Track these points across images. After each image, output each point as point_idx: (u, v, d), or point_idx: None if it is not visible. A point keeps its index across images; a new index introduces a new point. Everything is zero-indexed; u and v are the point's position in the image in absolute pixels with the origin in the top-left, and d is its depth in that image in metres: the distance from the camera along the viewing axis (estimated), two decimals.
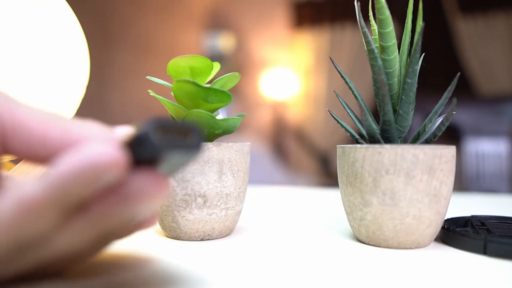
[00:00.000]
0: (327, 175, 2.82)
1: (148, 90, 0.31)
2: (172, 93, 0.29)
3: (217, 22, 2.97)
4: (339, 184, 0.29)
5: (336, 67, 0.30)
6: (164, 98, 0.29)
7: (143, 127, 0.14)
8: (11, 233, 0.14)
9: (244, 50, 3.00)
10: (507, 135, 1.95)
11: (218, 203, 0.28)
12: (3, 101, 0.17)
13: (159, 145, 0.14)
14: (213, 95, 0.28)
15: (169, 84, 0.30)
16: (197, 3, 2.89)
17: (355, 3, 0.28)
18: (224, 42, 2.89)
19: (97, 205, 0.15)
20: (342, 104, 0.32)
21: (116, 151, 0.13)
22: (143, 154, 0.14)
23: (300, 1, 2.94)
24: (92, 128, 0.17)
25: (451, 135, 2.05)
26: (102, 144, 0.13)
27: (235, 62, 2.89)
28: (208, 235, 0.29)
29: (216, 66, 0.30)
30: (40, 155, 0.17)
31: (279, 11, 3.00)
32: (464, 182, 1.96)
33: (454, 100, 0.26)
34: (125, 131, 0.17)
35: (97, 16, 2.13)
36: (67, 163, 0.13)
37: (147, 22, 2.45)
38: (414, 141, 0.29)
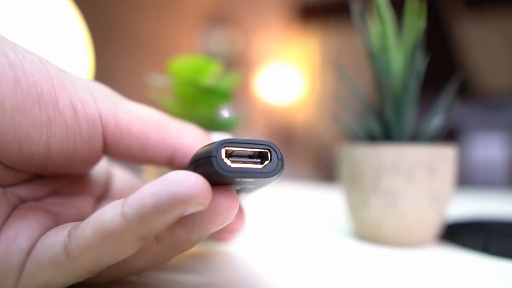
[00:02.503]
0: (328, 174, 2.82)
1: (148, 90, 0.31)
2: (172, 93, 0.29)
3: (219, 22, 2.97)
4: (340, 183, 0.29)
5: (336, 68, 0.30)
6: (164, 98, 0.29)
7: (208, 150, 0.12)
8: (89, 256, 0.14)
9: (245, 50, 3.00)
10: (507, 135, 1.95)
11: None
12: (108, 106, 0.17)
13: (226, 174, 0.12)
14: (213, 95, 0.28)
15: (169, 83, 0.30)
16: (199, 2, 2.89)
17: (355, 3, 0.28)
18: (225, 41, 2.88)
19: (173, 232, 0.15)
20: (343, 104, 0.32)
21: (199, 180, 0.12)
22: (212, 179, 0.13)
23: (304, 1, 2.94)
24: (190, 132, 0.17)
25: (451, 135, 2.05)
26: (185, 173, 0.12)
27: (236, 62, 2.89)
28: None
29: (217, 66, 0.30)
30: (139, 157, 0.17)
31: (282, 11, 3.00)
32: (464, 181, 1.96)
33: (455, 100, 0.26)
34: (222, 137, 0.17)
35: (98, 16, 2.13)
36: (149, 193, 0.12)
37: (147, 21, 2.46)
38: (414, 141, 0.29)
